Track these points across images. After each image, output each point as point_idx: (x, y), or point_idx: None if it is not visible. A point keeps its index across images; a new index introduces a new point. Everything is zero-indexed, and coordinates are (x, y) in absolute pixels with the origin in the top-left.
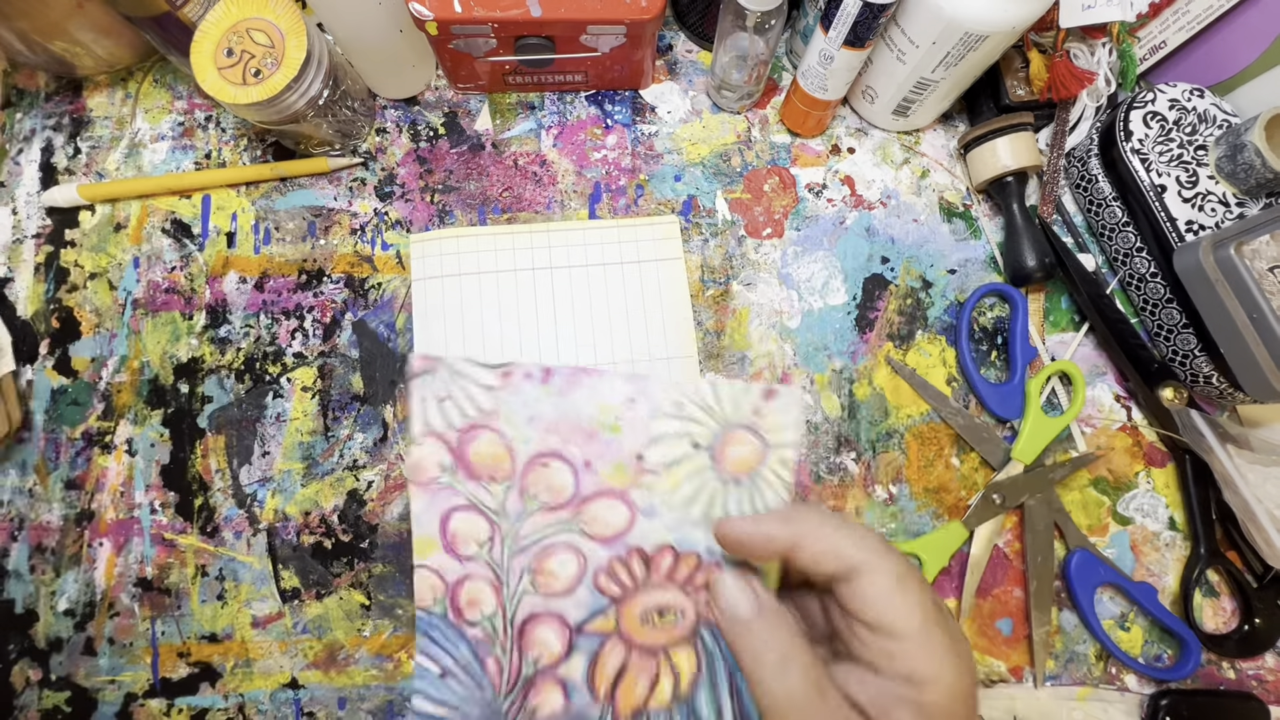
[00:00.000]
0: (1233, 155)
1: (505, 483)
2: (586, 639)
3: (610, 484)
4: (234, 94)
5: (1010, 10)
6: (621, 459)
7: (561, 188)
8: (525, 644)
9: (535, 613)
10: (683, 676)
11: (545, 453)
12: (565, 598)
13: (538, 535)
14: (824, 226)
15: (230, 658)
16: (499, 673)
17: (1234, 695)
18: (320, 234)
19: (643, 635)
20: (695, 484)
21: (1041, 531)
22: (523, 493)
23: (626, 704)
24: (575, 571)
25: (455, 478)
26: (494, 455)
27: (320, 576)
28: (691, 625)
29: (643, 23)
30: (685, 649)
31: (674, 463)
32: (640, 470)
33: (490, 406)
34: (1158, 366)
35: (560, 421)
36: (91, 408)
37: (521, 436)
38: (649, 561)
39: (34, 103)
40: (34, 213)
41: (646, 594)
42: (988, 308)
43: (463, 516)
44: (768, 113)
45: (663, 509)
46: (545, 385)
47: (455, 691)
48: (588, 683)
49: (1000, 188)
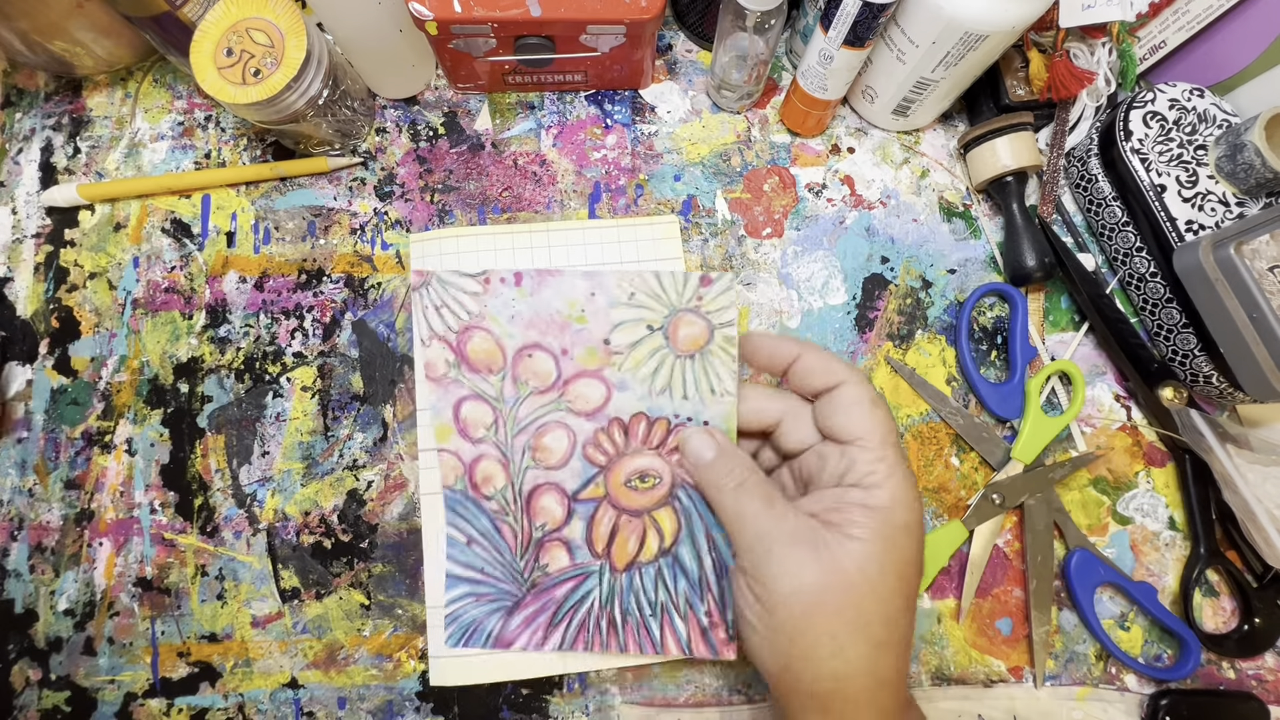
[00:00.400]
0: (1233, 155)
1: (500, 373)
2: (582, 505)
3: (585, 366)
4: (234, 94)
5: (1010, 10)
6: (592, 344)
7: (561, 187)
8: (532, 512)
9: (538, 484)
10: (666, 534)
11: (528, 345)
12: (561, 469)
13: (533, 416)
14: (824, 226)
15: (230, 657)
16: (514, 538)
17: (1234, 695)
18: (320, 234)
19: (628, 499)
20: (655, 360)
21: (1041, 531)
22: (515, 380)
23: (621, 558)
24: (567, 445)
25: (460, 372)
26: (488, 351)
27: (320, 576)
28: (668, 488)
29: (642, 23)
30: (666, 510)
31: (635, 344)
32: (608, 353)
33: (477, 310)
34: (1158, 366)
35: (536, 318)
36: (91, 407)
37: (506, 333)
38: (627, 430)
39: (34, 102)
40: (34, 212)
41: (628, 460)
42: (987, 307)
43: (471, 405)
44: (767, 112)
45: (632, 383)
46: (519, 288)
47: (480, 556)
48: (587, 542)
49: (1000, 187)
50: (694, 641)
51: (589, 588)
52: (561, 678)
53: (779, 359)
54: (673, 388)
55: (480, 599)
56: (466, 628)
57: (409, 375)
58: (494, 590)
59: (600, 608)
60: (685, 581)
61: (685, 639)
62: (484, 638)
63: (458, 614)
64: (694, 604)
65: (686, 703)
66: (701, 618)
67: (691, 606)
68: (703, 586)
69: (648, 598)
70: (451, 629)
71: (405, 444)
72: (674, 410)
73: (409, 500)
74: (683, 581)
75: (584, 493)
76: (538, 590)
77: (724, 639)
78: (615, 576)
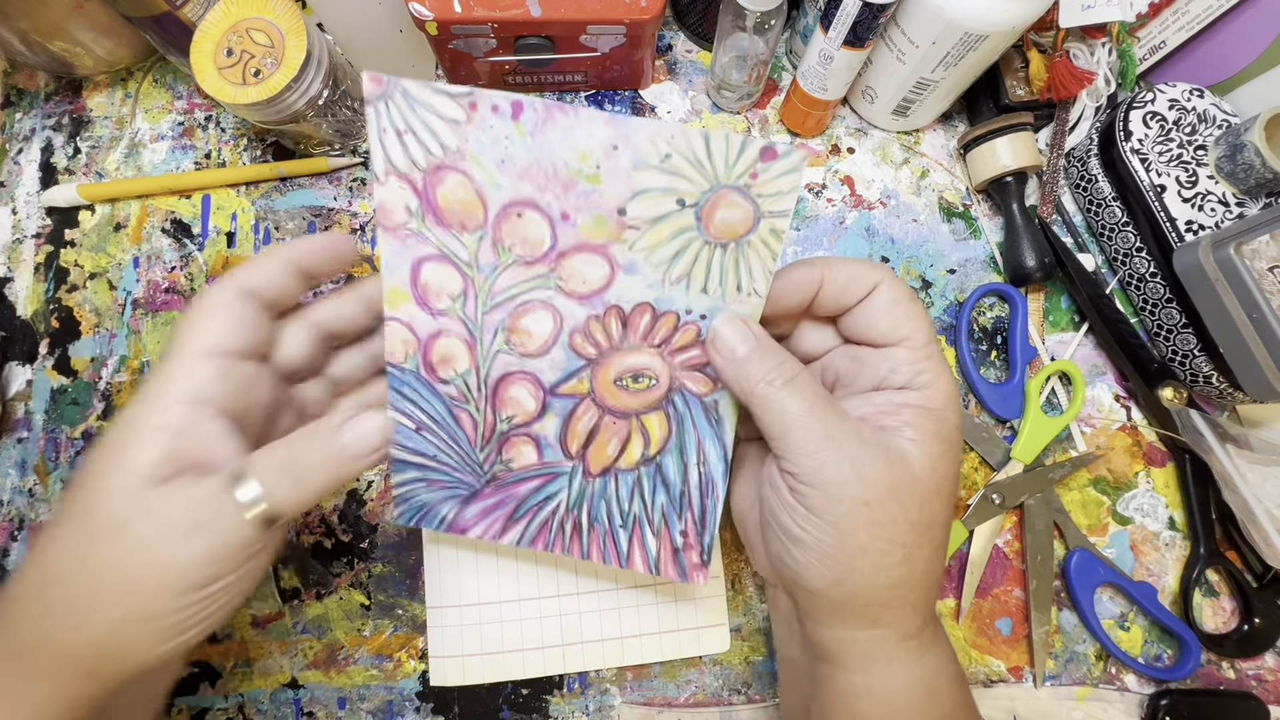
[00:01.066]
0: (1232, 155)
1: (477, 232)
2: (560, 400)
3: (589, 238)
4: (234, 94)
5: (1010, 10)
6: (602, 212)
7: None
8: (499, 403)
9: (509, 372)
10: (653, 440)
11: (519, 201)
12: (540, 358)
13: (513, 291)
14: (824, 226)
15: (230, 658)
16: (473, 428)
17: (1234, 695)
18: (320, 234)
19: (616, 399)
20: (679, 243)
21: (1041, 531)
22: (496, 244)
23: (597, 462)
24: (551, 330)
25: (424, 224)
26: (463, 201)
27: (320, 576)
28: (664, 391)
29: (642, 23)
30: (657, 414)
31: (658, 219)
32: (621, 225)
33: (455, 145)
34: (1157, 366)
35: (533, 166)
36: (91, 407)
37: (492, 181)
38: (626, 321)
39: (34, 102)
40: (34, 212)
41: (622, 356)
42: (987, 307)
43: (434, 267)
44: (767, 113)
45: (644, 266)
46: (516, 123)
47: (431, 444)
48: (560, 441)
49: (1000, 188)
50: (663, 561)
51: (556, 489)
52: (561, 678)
53: (805, 287)
54: (692, 278)
55: (432, 485)
56: (418, 509)
57: None
58: (447, 478)
59: (566, 510)
60: (665, 495)
61: (654, 557)
62: (437, 521)
63: (407, 495)
64: (670, 520)
65: (686, 703)
66: (676, 536)
67: (667, 523)
68: (683, 503)
69: (620, 507)
70: (402, 509)
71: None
72: (687, 305)
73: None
74: (662, 494)
75: (564, 387)
76: (498, 484)
77: (696, 563)
78: (588, 481)
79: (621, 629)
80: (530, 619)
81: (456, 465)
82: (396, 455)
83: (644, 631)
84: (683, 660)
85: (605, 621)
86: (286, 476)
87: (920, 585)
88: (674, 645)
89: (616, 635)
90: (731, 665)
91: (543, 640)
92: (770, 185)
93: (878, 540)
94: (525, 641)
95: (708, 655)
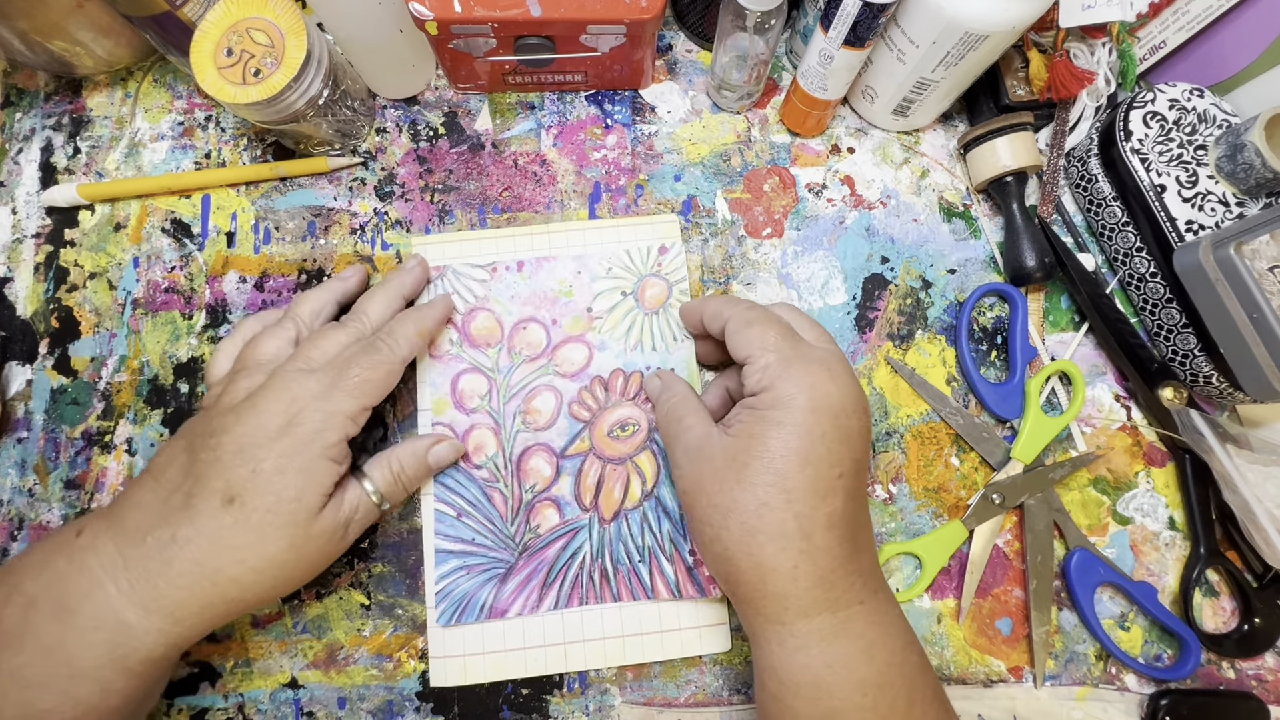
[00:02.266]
0: (1232, 155)
1: (497, 346)
2: (569, 461)
3: (571, 333)
4: (234, 94)
5: (1010, 10)
6: (577, 313)
7: (561, 187)
8: (522, 475)
9: (528, 446)
10: (647, 477)
11: (524, 319)
12: (549, 429)
13: (524, 382)
14: (824, 226)
15: (230, 657)
16: (504, 504)
17: (1234, 695)
18: (320, 234)
19: (612, 449)
20: (629, 320)
21: (1041, 531)
22: (510, 350)
23: (608, 508)
24: (554, 405)
25: (461, 349)
26: (488, 328)
27: (320, 576)
28: (646, 433)
29: (643, 23)
30: (645, 453)
31: (612, 308)
32: (590, 319)
33: (483, 293)
34: (1158, 366)
35: (532, 295)
36: (91, 407)
37: (506, 311)
38: (607, 385)
39: (34, 102)
40: (34, 212)
41: (610, 413)
42: (987, 307)
43: (468, 377)
44: (768, 113)
45: (610, 342)
46: (520, 273)
47: (470, 527)
48: (575, 497)
49: (1000, 188)
50: (681, 583)
51: (579, 542)
52: (561, 677)
53: (693, 319)
54: (644, 342)
55: (471, 570)
56: (459, 603)
57: (408, 376)
58: (485, 560)
59: (592, 560)
60: (668, 521)
61: (674, 581)
62: (477, 610)
63: (449, 589)
64: (678, 543)
65: (686, 703)
66: (686, 556)
67: (676, 546)
68: (684, 524)
69: (635, 544)
70: (443, 606)
71: None
72: (645, 363)
73: (409, 500)
74: (666, 522)
75: (571, 448)
76: (529, 553)
77: (709, 576)
78: (604, 528)
79: (622, 628)
80: (530, 619)
81: (493, 544)
82: (440, 546)
83: (644, 631)
84: (683, 660)
85: (605, 621)
86: (396, 482)
87: (778, 574)
88: (674, 645)
89: (617, 635)
90: (731, 665)
91: (543, 640)
92: (669, 267)
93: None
94: (525, 641)
95: (708, 655)
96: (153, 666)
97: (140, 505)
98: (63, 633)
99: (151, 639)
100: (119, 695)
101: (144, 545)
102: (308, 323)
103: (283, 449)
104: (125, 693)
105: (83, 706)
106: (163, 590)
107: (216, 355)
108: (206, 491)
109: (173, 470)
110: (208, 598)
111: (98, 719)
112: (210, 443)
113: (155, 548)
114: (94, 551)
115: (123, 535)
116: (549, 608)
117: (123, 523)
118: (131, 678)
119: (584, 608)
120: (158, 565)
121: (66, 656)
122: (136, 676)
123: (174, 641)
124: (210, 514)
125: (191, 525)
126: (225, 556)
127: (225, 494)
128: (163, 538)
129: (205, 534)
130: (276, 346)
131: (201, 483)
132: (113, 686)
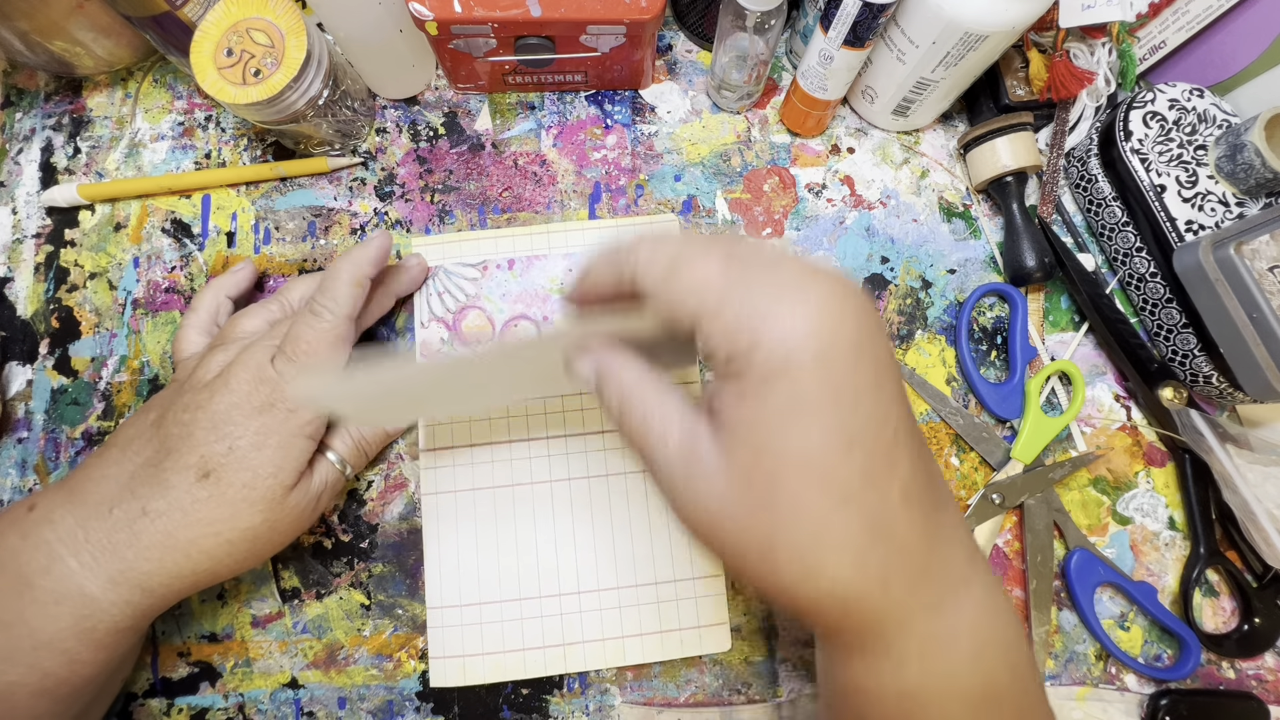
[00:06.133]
0: (1232, 155)
1: (488, 343)
2: None
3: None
4: (234, 94)
5: (1010, 10)
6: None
7: (561, 188)
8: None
9: None
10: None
11: (515, 316)
12: None
13: None
14: (824, 226)
15: (230, 657)
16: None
17: (1234, 695)
18: (320, 234)
19: None
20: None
21: (1041, 531)
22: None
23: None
24: None
25: (453, 346)
26: (479, 326)
27: (320, 576)
28: None
29: (643, 23)
30: None
31: None
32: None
33: (474, 292)
34: (1157, 366)
35: (523, 293)
36: (91, 407)
37: (497, 309)
38: None
39: (34, 102)
40: (34, 212)
41: None
42: (987, 307)
43: None
44: (767, 113)
45: None
46: (511, 271)
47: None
48: None
49: (1000, 188)
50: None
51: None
52: (561, 678)
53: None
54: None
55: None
56: None
57: None
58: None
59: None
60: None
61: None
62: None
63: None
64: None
65: (686, 703)
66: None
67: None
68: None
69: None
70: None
71: (405, 444)
72: None
73: (409, 500)
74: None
75: None
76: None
77: None
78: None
79: (622, 628)
80: (530, 619)
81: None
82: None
83: (644, 631)
84: (683, 660)
85: (605, 621)
86: (358, 448)
87: (866, 600)
88: (674, 645)
89: (617, 635)
90: (732, 665)
91: (543, 640)
92: None
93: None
94: (525, 641)
95: (708, 655)
96: (121, 637)
97: (104, 478)
98: (22, 607)
99: (119, 610)
100: (88, 665)
101: (109, 518)
102: (295, 306)
103: (260, 426)
104: (94, 663)
105: (51, 679)
106: (130, 562)
107: (183, 330)
108: (180, 465)
109: (140, 443)
110: (178, 569)
111: (69, 691)
112: (184, 418)
113: (123, 520)
114: (50, 525)
115: (84, 508)
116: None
117: (84, 496)
118: (100, 649)
119: (583, 609)
120: (125, 537)
121: (28, 630)
122: (105, 648)
123: (143, 612)
124: (184, 488)
125: (164, 498)
126: (198, 529)
127: (200, 468)
128: (131, 510)
129: (178, 507)
130: (255, 325)
131: (174, 456)
132: (80, 658)
